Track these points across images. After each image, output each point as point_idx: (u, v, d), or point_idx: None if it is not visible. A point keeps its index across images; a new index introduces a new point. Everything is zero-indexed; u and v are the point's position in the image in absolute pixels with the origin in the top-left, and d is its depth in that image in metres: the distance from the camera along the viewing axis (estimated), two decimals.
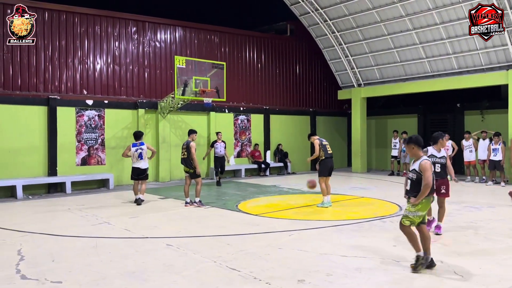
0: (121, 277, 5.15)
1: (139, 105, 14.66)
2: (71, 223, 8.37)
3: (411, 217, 5.32)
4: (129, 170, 14.45)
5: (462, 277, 5.06)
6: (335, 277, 5.09)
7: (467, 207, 9.59)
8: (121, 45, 14.75)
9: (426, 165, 5.28)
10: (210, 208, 9.89)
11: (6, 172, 12.23)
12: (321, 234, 7.25)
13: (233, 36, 17.43)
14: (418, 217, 5.32)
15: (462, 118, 17.23)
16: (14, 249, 6.41)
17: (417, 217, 5.32)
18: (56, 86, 13.42)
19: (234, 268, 5.43)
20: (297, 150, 19.02)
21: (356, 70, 18.39)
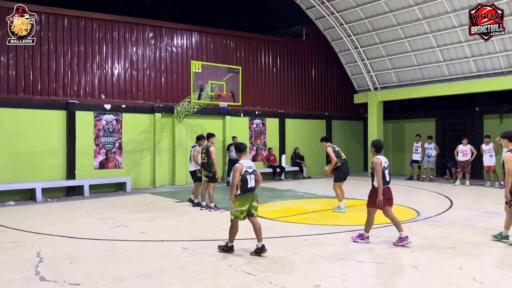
0: (138, 280, 5.19)
1: (155, 109, 14.81)
2: (89, 225, 8.47)
3: (233, 212, 6.22)
4: (145, 174, 14.70)
5: (482, 284, 4.96)
6: (352, 283, 5.04)
7: (486, 213, 9.41)
8: (139, 50, 14.93)
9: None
10: (226, 212, 9.90)
11: (26, 175, 12.47)
12: (337, 239, 7.19)
13: (249, 41, 17.50)
14: (238, 212, 6.16)
15: (481, 122, 16.93)
16: (33, 251, 6.52)
17: (238, 212, 6.16)
18: (75, 90, 13.65)
19: (250, 272, 5.42)
20: (313, 155, 18.93)
21: (373, 74, 18.26)
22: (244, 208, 6.15)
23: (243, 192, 6.15)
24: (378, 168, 6.54)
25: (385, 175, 6.63)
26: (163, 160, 15.01)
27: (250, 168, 6.22)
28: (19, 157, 12.42)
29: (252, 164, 6.30)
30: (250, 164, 6.27)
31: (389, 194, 6.70)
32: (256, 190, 6.33)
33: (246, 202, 6.15)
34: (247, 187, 6.14)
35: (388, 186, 6.69)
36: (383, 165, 6.64)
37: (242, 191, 6.15)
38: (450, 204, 10.66)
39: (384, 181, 6.58)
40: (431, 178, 16.21)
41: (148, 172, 14.76)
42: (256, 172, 6.27)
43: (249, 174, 6.16)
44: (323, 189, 13.83)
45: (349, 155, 20.02)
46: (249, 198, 6.17)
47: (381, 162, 6.56)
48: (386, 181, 6.64)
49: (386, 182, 6.65)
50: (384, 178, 6.60)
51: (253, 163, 6.43)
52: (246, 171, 6.14)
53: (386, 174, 6.66)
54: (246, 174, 6.13)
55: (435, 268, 5.53)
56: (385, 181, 6.63)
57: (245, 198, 6.17)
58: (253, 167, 6.26)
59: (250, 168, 6.21)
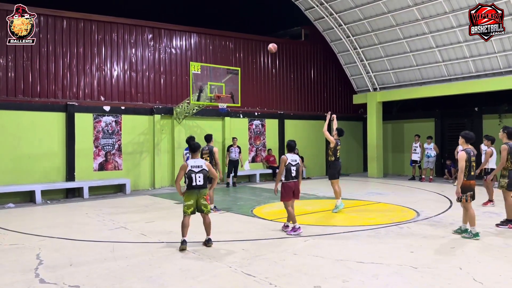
0: (138, 282, 5.18)
1: (155, 111, 14.81)
2: (89, 227, 8.47)
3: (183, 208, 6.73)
4: (145, 176, 14.70)
5: (482, 284, 4.97)
6: (352, 284, 5.04)
7: (486, 213, 9.41)
8: (138, 52, 14.94)
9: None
10: (226, 213, 9.91)
11: (25, 177, 12.46)
12: (337, 240, 7.20)
13: (248, 42, 17.50)
14: (185, 207, 6.68)
15: (480, 122, 16.94)
16: (33, 253, 6.51)
17: (185, 207, 6.68)
18: (74, 92, 13.65)
19: (250, 273, 5.42)
20: (312, 155, 18.94)
21: (372, 74, 18.28)
22: (189, 203, 6.69)
23: (188, 189, 6.73)
24: (282, 165, 7.61)
25: (291, 171, 7.59)
26: (163, 161, 15.00)
27: (197, 167, 6.73)
28: (19, 159, 12.41)
29: (201, 164, 6.78)
30: (197, 164, 6.76)
31: (295, 188, 7.68)
32: (208, 188, 6.94)
33: (190, 197, 6.69)
34: (192, 184, 6.69)
35: (295, 181, 7.65)
36: (289, 161, 7.60)
37: (187, 188, 6.73)
38: (450, 204, 10.67)
39: (290, 176, 7.59)
40: (431, 178, 16.22)
41: (148, 174, 14.75)
42: (204, 172, 6.73)
43: (194, 173, 6.69)
44: (323, 190, 13.83)
45: (348, 156, 20.13)
46: (194, 195, 6.71)
47: (286, 159, 7.59)
48: (292, 176, 7.61)
49: (292, 177, 7.62)
50: (290, 174, 7.59)
51: (203, 162, 6.85)
52: (191, 170, 6.68)
53: (292, 170, 7.61)
54: (191, 173, 6.67)
55: (435, 268, 5.54)
56: (291, 176, 7.61)
57: (190, 194, 6.72)
58: (202, 166, 6.76)
59: (196, 167, 6.73)
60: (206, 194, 6.85)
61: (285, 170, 7.60)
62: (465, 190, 7.08)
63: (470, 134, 7.39)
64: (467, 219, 7.22)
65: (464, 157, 7.04)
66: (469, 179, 7.06)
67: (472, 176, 7.12)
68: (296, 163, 7.70)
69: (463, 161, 7.01)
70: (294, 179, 7.66)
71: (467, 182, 7.06)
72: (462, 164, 7.01)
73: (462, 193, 7.08)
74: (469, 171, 7.05)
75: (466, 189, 7.08)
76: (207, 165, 6.84)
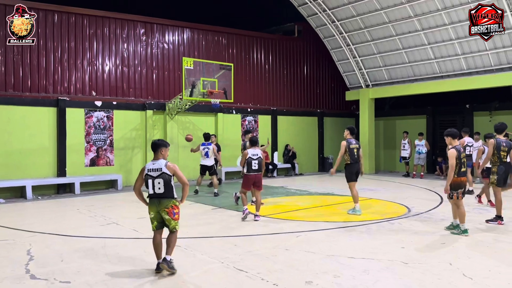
0: (129, 278, 5.17)
1: (147, 106, 14.74)
2: (80, 223, 8.43)
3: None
4: (137, 171, 14.60)
5: (472, 279, 5.02)
6: (343, 279, 5.07)
7: (476, 209, 9.50)
8: (130, 47, 14.83)
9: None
10: (218, 209, 9.91)
11: (16, 172, 12.35)
12: (329, 236, 7.23)
13: (241, 38, 17.46)
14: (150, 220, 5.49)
15: (471, 119, 17.08)
16: (24, 249, 6.47)
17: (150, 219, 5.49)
18: (65, 87, 13.54)
19: (242, 269, 5.43)
20: (305, 151, 18.98)
21: (364, 71, 18.32)
22: (151, 215, 5.38)
23: (148, 197, 5.41)
24: (243, 159, 8.61)
25: (251, 164, 8.51)
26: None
27: (155, 171, 5.28)
28: (10, 154, 12.29)
29: (159, 167, 5.28)
30: (155, 167, 5.30)
31: (257, 179, 8.60)
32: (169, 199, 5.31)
33: (150, 209, 5.37)
34: (149, 192, 5.35)
35: (256, 173, 8.54)
36: (249, 155, 8.50)
37: (148, 195, 5.40)
38: (441, 200, 10.76)
39: (250, 169, 8.52)
40: (422, 174, 16.33)
41: (140, 169, 14.65)
42: (165, 177, 5.25)
43: (151, 178, 5.27)
44: (315, 186, 13.87)
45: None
46: (154, 205, 5.31)
47: (247, 153, 8.55)
48: (252, 169, 8.52)
49: (253, 170, 8.52)
50: (251, 167, 8.51)
51: (163, 164, 5.31)
52: (147, 174, 5.31)
53: (253, 163, 8.51)
54: (148, 178, 5.30)
55: (426, 264, 5.59)
56: (252, 169, 8.52)
57: (150, 204, 5.40)
58: (162, 170, 5.26)
59: (154, 171, 5.28)
60: (169, 207, 5.31)
61: (246, 163, 8.52)
62: (456, 187, 7.10)
63: (453, 130, 7.30)
64: (457, 215, 7.27)
65: (454, 154, 7.01)
66: (459, 176, 7.07)
67: (463, 173, 7.13)
68: (258, 157, 8.56)
69: (453, 159, 6.99)
70: (255, 172, 8.53)
71: (458, 179, 7.07)
72: (452, 162, 6.98)
73: (453, 190, 7.10)
74: (460, 168, 7.05)
75: (457, 186, 7.10)
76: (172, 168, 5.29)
